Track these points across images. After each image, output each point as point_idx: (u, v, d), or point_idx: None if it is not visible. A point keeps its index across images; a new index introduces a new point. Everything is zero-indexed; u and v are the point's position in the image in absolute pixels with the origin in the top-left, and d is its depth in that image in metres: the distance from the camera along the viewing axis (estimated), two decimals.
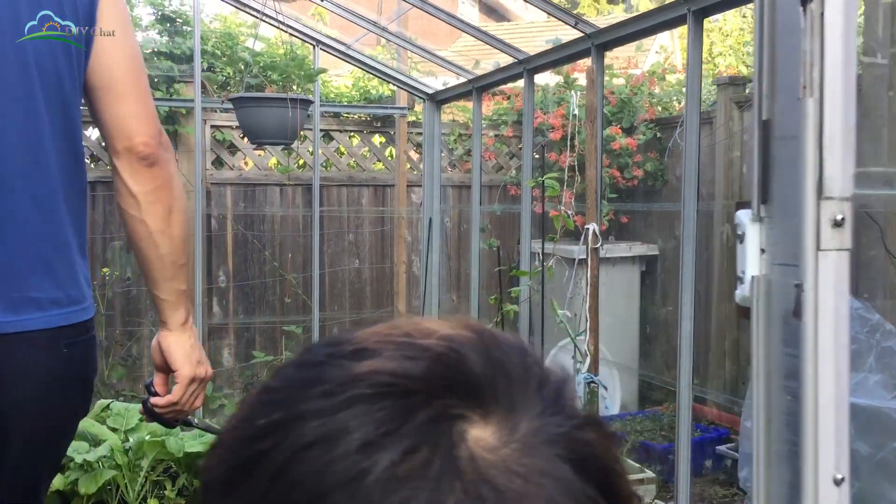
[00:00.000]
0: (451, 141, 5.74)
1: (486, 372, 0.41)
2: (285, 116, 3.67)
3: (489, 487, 0.38)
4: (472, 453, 0.38)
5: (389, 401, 0.39)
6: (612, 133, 5.53)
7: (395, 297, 5.50)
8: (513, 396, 0.41)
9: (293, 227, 5.36)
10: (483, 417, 0.40)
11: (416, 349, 0.42)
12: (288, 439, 0.39)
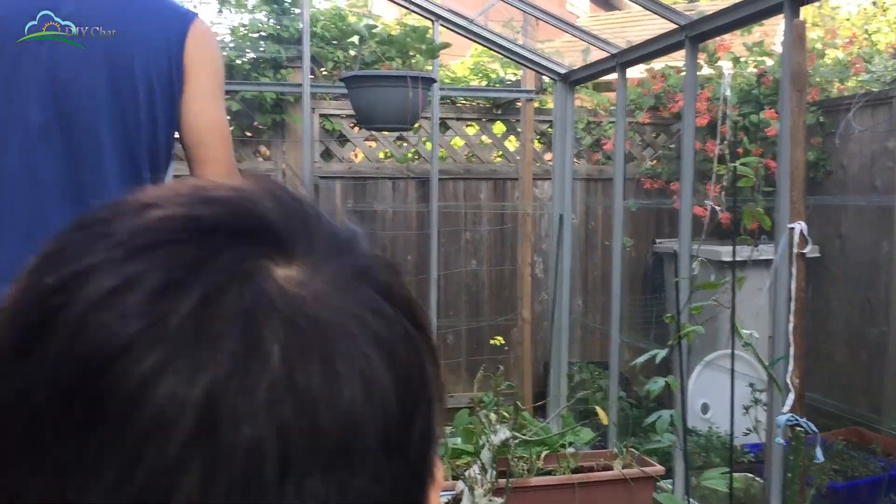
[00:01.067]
0: (577, 130, 5.17)
1: (282, 217, 0.40)
2: (404, 97, 3.21)
3: (306, 319, 0.36)
4: (282, 289, 0.37)
5: (186, 245, 0.37)
6: (767, 118, 4.85)
7: (517, 302, 4.97)
8: (312, 239, 0.40)
9: (406, 225, 4.90)
10: (286, 258, 0.38)
11: (207, 198, 0.40)
12: (83, 291, 0.36)
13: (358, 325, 0.38)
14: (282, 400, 0.35)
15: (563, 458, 3.34)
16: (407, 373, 0.40)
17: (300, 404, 0.35)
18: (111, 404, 0.34)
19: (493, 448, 2.86)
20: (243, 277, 0.37)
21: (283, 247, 0.39)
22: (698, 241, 3.41)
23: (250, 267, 0.37)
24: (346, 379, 0.36)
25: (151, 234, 0.38)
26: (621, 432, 3.65)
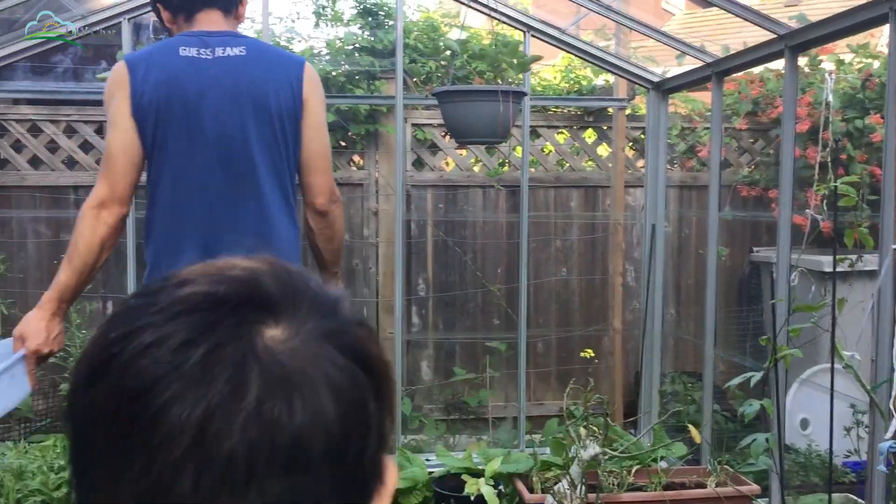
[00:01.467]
0: (671, 136, 5.08)
1: (277, 290, 0.56)
2: (495, 111, 3.23)
3: (279, 366, 0.52)
4: (266, 345, 0.53)
5: (203, 313, 0.53)
6: (872, 123, 4.66)
7: (608, 312, 4.93)
8: (297, 307, 0.56)
9: (496, 233, 4.93)
10: (275, 322, 0.54)
11: (223, 276, 0.57)
12: (132, 344, 0.52)
13: (316, 371, 0.53)
14: (251, 425, 0.50)
15: (655, 473, 3.31)
16: (348, 408, 0.54)
17: (264, 428, 0.50)
18: (141, 421, 0.50)
19: (582, 463, 2.86)
20: (239, 337, 0.53)
21: (274, 312, 0.55)
22: (798, 250, 3.32)
23: (246, 329, 0.53)
24: (298, 410, 0.51)
25: (181, 304, 0.54)
26: (715, 448, 3.58)
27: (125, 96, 2.07)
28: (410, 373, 4.83)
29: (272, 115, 2.11)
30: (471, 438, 4.52)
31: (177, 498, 0.49)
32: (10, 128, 4.55)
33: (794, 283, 3.44)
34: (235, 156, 2.10)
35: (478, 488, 3.10)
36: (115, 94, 2.10)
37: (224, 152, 2.09)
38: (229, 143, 2.09)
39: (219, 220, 2.09)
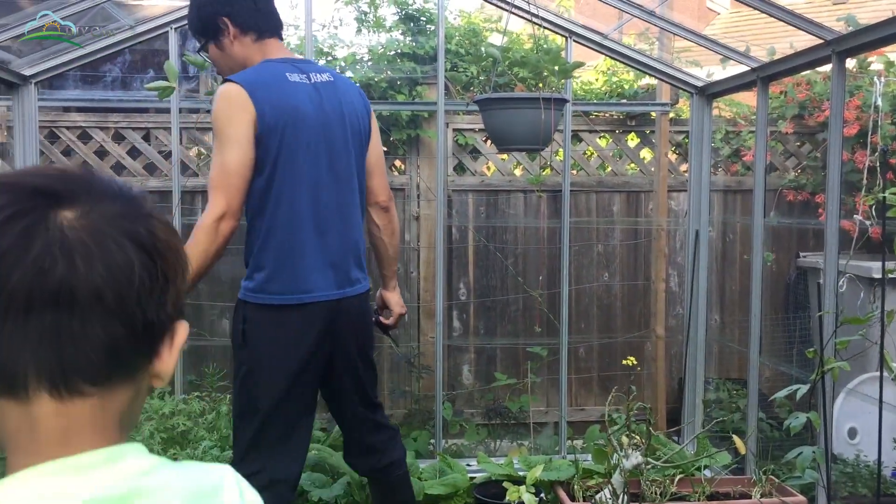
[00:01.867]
0: (715, 140, 5.03)
1: (76, 185, 0.74)
2: (537, 118, 3.21)
3: (61, 233, 0.70)
4: (57, 222, 0.70)
5: (10, 195, 0.71)
6: None
7: (650, 318, 4.89)
8: (93, 199, 0.73)
9: (537, 238, 4.91)
10: (69, 207, 0.72)
11: (34, 174, 0.75)
12: None
13: (93, 243, 0.71)
14: (28, 271, 0.69)
15: (699, 483, 3.27)
16: (117, 274, 0.72)
17: (37, 274, 0.69)
18: None
19: (624, 472, 2.84)
20: (35, 212, 0.70)
21: (69, 200, 0.72)
22: (846, 255, 3.25)
23: (43, 208, 0.71)
24: (66, 267, 0.70)
25: (7, 189, 0.72)
26: (761, 457, 3.53)
27: (249, 118, 2.27)
28: (451, 377, 4.84)
29: (361, 135, 2.52)
30: (511, 444, 4.52)
31: None
32: (60, 135, 4.67)
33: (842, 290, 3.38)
34: (343, 171, 2.45)
35: (519, 496, 3.10)
36: (236, 114, 2.27)
37: (335, 167, 2.43)
38: (338, 159, 2.44)
39: (332, 226, 2.42)
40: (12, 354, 0.70)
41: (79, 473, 0.73)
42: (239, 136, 2.26)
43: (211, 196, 2.25)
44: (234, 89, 2.29)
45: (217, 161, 2.27)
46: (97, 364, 0.73)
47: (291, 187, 2.35)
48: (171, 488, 0.79)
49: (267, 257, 2.37)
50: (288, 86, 2.37)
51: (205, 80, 4.98)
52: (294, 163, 2.34)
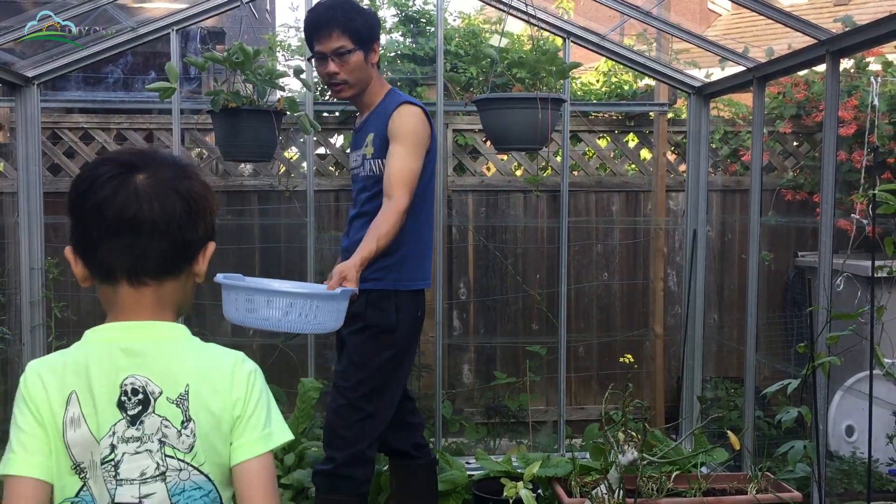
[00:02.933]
0: (714, 140, 5.05)
1: (146, 160, 1.31)
2: (534, 118, 3.25)
3: (137, 191, 1.26)
4: (134, 181, 1.27)
5: (111, 166, 1.29)
6: None
7: (649, 317, 4.91)
8: (155, 167, 1.30)
9: (536, 238, 4.94)
10: (141, 172, 1.28)
11: (131, 152, 1.36)
12: (89, 174, 1.29)
13: (155, 194, 1.27)
14: (115, 208, 1.26)
15: (695, 479, 3.30)
16: (169, 214, 1.27)
17: (120, 209, 1.26)
18: (91, 205, 1.27)
19: (620, 468, 2.87)
20: (124, 176, 1.28)
21: (141, 169, 1.29)
22: (843, 255, 3.28)
23: (127, 174, 1.28)
24: (141, 207, 1.26)
25: (104, 164, 1.30)
26: (757, 454, 3.56)
27: (427, 142, 2.77)
28: (451, 376, 4.86)
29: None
30: (511, 442, 4.54)
31: (101, 235, 1.26)
32: (63, 136, 4.70)
33: (839, 289, 3.41)
34: (433, 201, 2.99)
35: (516, 492, 3.13)
36: (427, 135, 2.76)
37: (433, 197, 2.95)
38: (434, 193, 2.97)
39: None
40: (108, 258, 1.26)
41: (125, 331, 1.30)
42: (423, 152, 2.73)
43: (401, 191, 2.63)
44: (423, 113, 2.76)
45: (410, 166, 2.67)
46: (155, 266, 1.28)
47: (432, 198, 2.90)
48: (186, 360, 1.30)
49: (417, 251, 2.82)
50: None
51: (206, 82, 5.02)
52: (434, 175, 2.90)
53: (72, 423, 1.24)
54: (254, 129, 3.33)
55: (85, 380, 1.25)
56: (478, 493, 3.31)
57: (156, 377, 1.26)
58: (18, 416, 1.27)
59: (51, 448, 1.24)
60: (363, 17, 2.76)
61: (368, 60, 2.78)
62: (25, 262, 3.80)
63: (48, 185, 4.68)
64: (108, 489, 1.24)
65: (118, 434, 1.25)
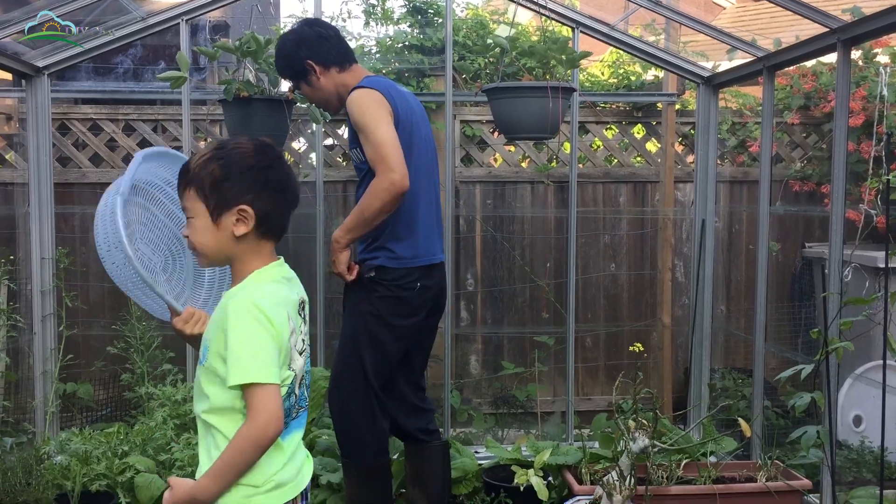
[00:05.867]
0: (722, 131, 5.05)
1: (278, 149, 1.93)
2: (545, 107, 3.26)
3: (296, 175, 1.88)
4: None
5: (276, 151, 1.85)
6: None
7: (657, 307, 4.92)
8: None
9: (544, 229, 4.95)
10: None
11: (245, 142, 1.84)
12: (269, 160, 1.80)
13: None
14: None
15: (704, 467, 3.31)
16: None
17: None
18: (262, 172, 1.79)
19: (631, 455, 2.88)
20: (286, 163, 1.85)
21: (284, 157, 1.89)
22: (851, 245, 3.29)
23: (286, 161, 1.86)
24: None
25: (270, 147, 1.83)
26: (766, 443, 3.57)
27: (389, 113, 2.77)
28: (459, 366, 4.88)
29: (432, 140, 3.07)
30: (519, 432, 4.56)
31: (282, 207, 1.80)
32: (72, 126, 4.72)
33: (847, 279, 3.41)
34: (435, 168, 3.04)
35: (527, 479, 3.14)
36: (379, 108, 2.76)
37: (432, 165, 3.01)
38: (433, 158, 3.02)
39: (438, 215, 3.05)
40: (284, 225, 1.81)
41: (279, 267, 1.81)
42: (386, 119, 2.75)
43: (381, 166, 2.68)
44: (374, 93, 2.77)
45: (379, 139, 2.70)
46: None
47: (415, 180, 2.82)
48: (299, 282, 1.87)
49: (404, 228, 2.90)
50: (404, 94, 2.91)
51: (214, 72, 5.03)
52: (418, 160, 2.88)
53: (291, 333, 1.74)
54: (265, 118, 3.34)
55: (284, 302, 1.74)
56: (488, 480, 3.33)
57: (301, 291, 1.84)
58: (267, 337, 1.67)
59: (282, 356, 1.71)
60: (280, 60, 2.98)
61: (312, 83, 2.95)
62: (36, 252, 3.81)
63: (57, 175, 4.69)
64: (295, 360, 1.77)
65: (298, 329, 1.78)
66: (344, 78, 2.94)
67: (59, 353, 3.81)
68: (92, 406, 4.50)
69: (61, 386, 4.06)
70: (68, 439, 3.25)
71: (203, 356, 1.77)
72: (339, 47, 2.96)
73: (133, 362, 3.93)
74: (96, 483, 3.03)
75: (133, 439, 3.25)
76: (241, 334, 1.67)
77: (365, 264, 2.89)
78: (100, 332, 4.46)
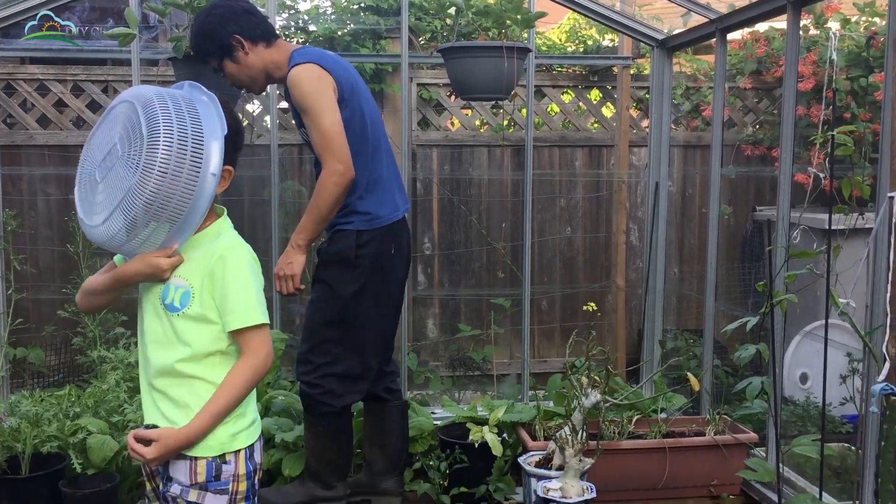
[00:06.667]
0: (676, 96, 5.10)
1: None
2: (500, 67, 3.25)
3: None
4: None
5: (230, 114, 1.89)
6: (876, 81, 4.67)
7: (612, 269, 4.99)
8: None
9: (501, 192, 4.97)
10: None
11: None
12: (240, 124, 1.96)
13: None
14: None
15: (655, 422, 3.39)
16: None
17: None
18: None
19: (584, 411, 2.93)
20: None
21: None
22: (800, 208, 3.35)
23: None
24: None
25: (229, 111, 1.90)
26: (715, 400, 3.65)
27: (332, 89, 2.71)
28: (416, 329, 4.90)
29: None
30: (475, 394, 4.60)
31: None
32: (18, 87, 4.59)
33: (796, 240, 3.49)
34: (382, 122, 2.99)
35: (482, 435, 3.18)
36: (321, 86, 2.69)
37: (380, 120, 2.98)
38: (379, 113, 3.01)
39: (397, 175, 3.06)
40: None
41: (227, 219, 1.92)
42: (330, 101, 2.70)
43: (327, 156, 2.69)
44: (315, 68, 2.71)
45: (324, 128, 2.68)
46: None
47: (374, 136, 2.88)
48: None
49: (369, 190, 2.90)
50: (343, 64, 2.85)
51: (166, 32, 4.92)
52: (363, 114, 2.85)
53: None
54: (217, 78, 3.29)
55: None
56: (444, 437, 3.36)
57: None
58: (260, 284, 1.82)
59: None
60: (199, 36, 2.85)
61: (238, 60, 2.83)
62: None
63: (4, 137, 4.58)
64: None
65: None
66: (272, 54, 2.85)
67: (8, 317, 3.74)
68: (44, 371, 4.44)
69: (11, 350, 4.00)
70: (18, 402, 3.21)
71: (182, 304, 1.78)
72: (264, 22, 2.88)
73: (85, 326, 3.88)
74: (48, 445, 3.00)
75: (85, 401, 3.21)
76: (244, 280, 1.78)
77: (341, 233, 2.87)
78: (50, 297, 4.38)
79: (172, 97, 1.75)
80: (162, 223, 1.72)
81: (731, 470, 3.18)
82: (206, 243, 1.82)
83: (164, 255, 1.78)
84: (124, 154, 1.70)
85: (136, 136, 1.69)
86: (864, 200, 2.67)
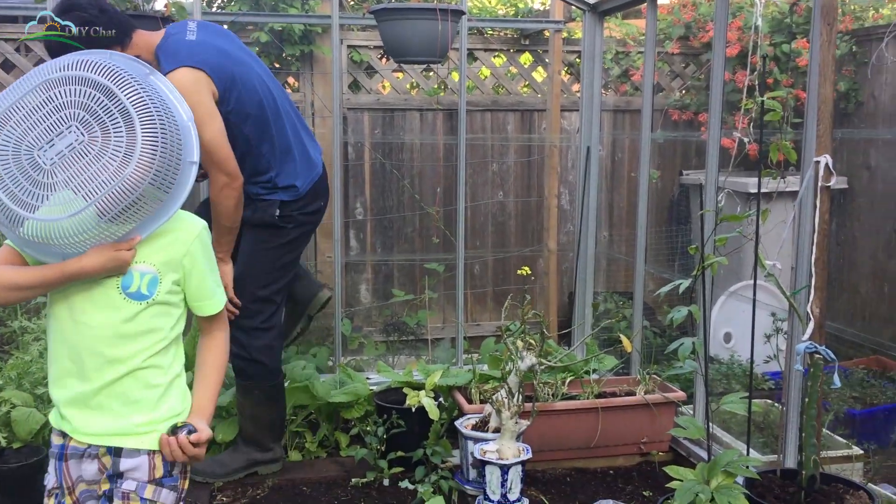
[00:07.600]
0: (607, 60, 5.14)
1: None
2: (434, 30, 3.22)
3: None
4: None
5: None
6: (799, 47, 4.79)
7: (543, 233, 5.04)
8: None
9: (434, 157, 4.95)
10: None
11: None
12: None
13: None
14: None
15: (588, 384, 3.45)
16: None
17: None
18: None
19: (519, 373, 2.96)
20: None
21: None
22: (725, 172, 3.44)
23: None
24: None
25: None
26: (645, 360, 3.74)
27: (211, 95, 2.65)
28: (349, 295, 4.87)
29: None
30: (410, 358, 4.62)
31: None
32: None
33: (721, 204, 3.57)
34: (275, 84, 2.97)
35: (418, 400, 3.20)
36: (200, 95, 2.57)
37: (272, 83, 2.95)
38: (270, 75, 2.98)
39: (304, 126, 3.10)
40: None
41: None
42: (211, 107, 2.65)
43: (212, 169, 2.70)
44: (196, 72, 2.59)
45: (208, 137, 2.57)
46: None
47: (273, 114, 2.92)
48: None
49: (281, 165, 2.96)
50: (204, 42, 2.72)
51: None
52: (252, 100, 2.82)
53: None
54: None
55: None
56: (380, 403, 3.36)
57: None
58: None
59: None
60: (101, 11, 2.48)
61: (128, 46, 2.55)
62: None
63: None
64: None
65: None
66: (149, 38, 2.65)
67: None
68: None
69: None
70: None
71: (150, 291, 1.67)
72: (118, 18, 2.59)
73: None
74: None
75: (7, 374, 3.10)
76: (213, 260, 1.79)
77: (268, 205, 2.93)
78: None
79: (139, 74, 1.61)
80: (140, 216, 1.60)
81: (660, 428, 3.27)
82: (190, 225, 1.77)
83: (126, 247, 1.63)
84: (94, 139, 1.53)
85: (113, 121, 1.54)
86: (788, 164, 2.75)
